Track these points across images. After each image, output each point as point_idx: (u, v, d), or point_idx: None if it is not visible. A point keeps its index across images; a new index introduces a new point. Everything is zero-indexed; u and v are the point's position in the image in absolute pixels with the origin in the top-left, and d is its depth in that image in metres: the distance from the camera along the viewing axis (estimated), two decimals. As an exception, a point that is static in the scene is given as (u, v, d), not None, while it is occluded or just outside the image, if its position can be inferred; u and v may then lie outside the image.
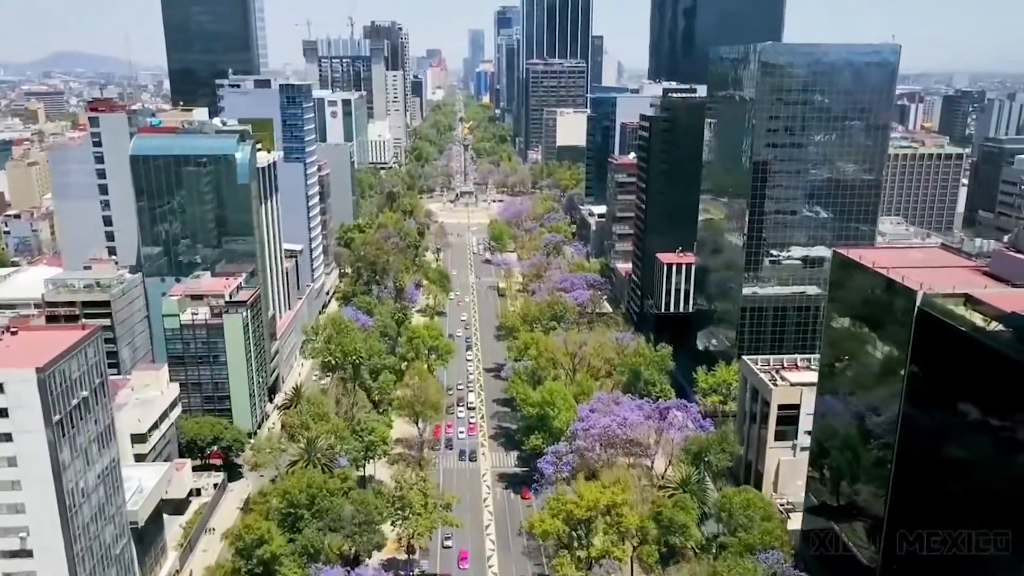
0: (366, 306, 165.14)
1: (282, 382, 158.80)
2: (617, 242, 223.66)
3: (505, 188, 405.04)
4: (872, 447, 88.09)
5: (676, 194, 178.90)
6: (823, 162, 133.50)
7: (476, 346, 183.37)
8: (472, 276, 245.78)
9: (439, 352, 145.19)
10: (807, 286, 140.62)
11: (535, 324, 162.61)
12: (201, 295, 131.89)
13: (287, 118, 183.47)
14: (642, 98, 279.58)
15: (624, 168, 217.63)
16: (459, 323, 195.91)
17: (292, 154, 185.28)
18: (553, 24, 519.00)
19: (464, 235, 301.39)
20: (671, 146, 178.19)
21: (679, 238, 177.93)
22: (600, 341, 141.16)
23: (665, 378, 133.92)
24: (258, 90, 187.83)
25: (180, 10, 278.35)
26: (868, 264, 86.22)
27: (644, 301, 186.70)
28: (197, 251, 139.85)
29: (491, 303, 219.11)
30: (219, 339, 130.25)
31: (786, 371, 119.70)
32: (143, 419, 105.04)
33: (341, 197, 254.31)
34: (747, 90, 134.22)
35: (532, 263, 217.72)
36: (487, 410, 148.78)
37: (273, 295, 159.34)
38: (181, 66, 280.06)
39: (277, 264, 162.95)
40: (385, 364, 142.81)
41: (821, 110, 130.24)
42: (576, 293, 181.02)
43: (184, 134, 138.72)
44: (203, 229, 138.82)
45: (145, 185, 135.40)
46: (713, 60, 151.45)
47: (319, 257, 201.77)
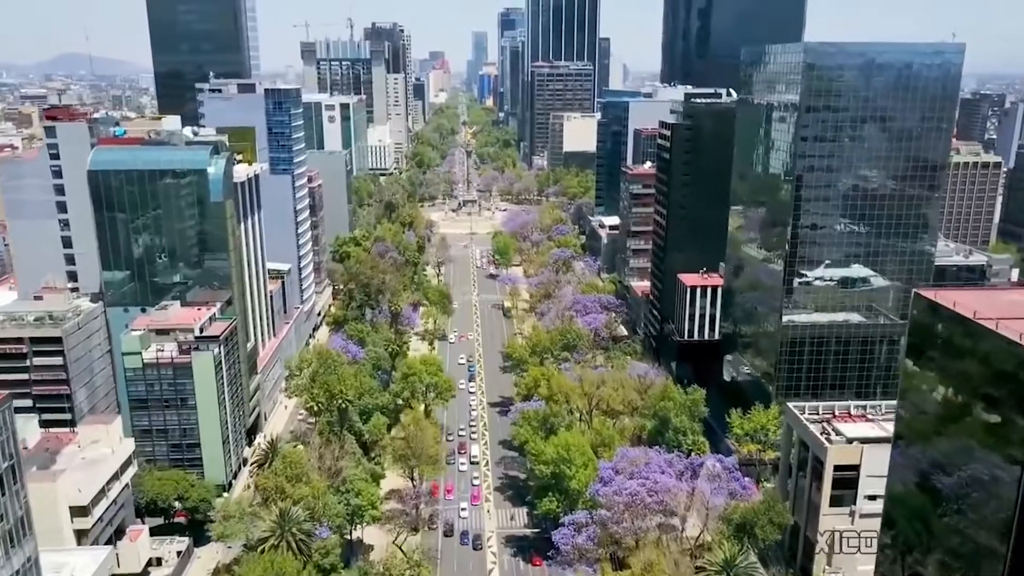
0: (358, 334, 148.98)
1: (264, 420, 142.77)
2: (632, 258, 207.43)
3: (510, 196, 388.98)
4: (976, 521, 71.56)
5: (700, 209, 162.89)
6: (876, 174, 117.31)
7: (480, 374, 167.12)
8: (475, 293, 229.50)
9: (438, 390, 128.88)
10: (858, 314, 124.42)
11: (545, 355, 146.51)
12: (167, 329, 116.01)
13: (273, 125, 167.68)
14: (656, 103, 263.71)
15: (640, 178, 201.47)
16: (461, 348, 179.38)
17: (279, 165, 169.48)
18: (559, 25, 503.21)
19: (466, 246, 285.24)
20: (695, 156, 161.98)
21: (703, 257, 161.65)
22: (620, 380, 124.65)
23: (698, 426, 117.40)
24: (242, 95, 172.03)
25: (166, 9, 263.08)
26: (964, 312, 69.90)
27: (664, 326, 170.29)
28: (165, 278, 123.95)
29: (496, 324, 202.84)
30: (187, 380, 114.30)
31: (839, 421, 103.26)
32: (88, 486, 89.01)
33: (336, 208, 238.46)
34: (788, 94, 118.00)
35: (540, 281, 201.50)
36: (492, 454, 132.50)
37: (255, 323, 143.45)
38: (167, 68, 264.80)
39: (259, 288, 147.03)
40: (377, 404, 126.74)
41: (874, 116, 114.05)
42: (589, 318, 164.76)
43: (149, 146, 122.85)
44: (172, 253, 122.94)
45: (105, 204, 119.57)
46: (745, 61, 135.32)
47: (309, 276, 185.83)
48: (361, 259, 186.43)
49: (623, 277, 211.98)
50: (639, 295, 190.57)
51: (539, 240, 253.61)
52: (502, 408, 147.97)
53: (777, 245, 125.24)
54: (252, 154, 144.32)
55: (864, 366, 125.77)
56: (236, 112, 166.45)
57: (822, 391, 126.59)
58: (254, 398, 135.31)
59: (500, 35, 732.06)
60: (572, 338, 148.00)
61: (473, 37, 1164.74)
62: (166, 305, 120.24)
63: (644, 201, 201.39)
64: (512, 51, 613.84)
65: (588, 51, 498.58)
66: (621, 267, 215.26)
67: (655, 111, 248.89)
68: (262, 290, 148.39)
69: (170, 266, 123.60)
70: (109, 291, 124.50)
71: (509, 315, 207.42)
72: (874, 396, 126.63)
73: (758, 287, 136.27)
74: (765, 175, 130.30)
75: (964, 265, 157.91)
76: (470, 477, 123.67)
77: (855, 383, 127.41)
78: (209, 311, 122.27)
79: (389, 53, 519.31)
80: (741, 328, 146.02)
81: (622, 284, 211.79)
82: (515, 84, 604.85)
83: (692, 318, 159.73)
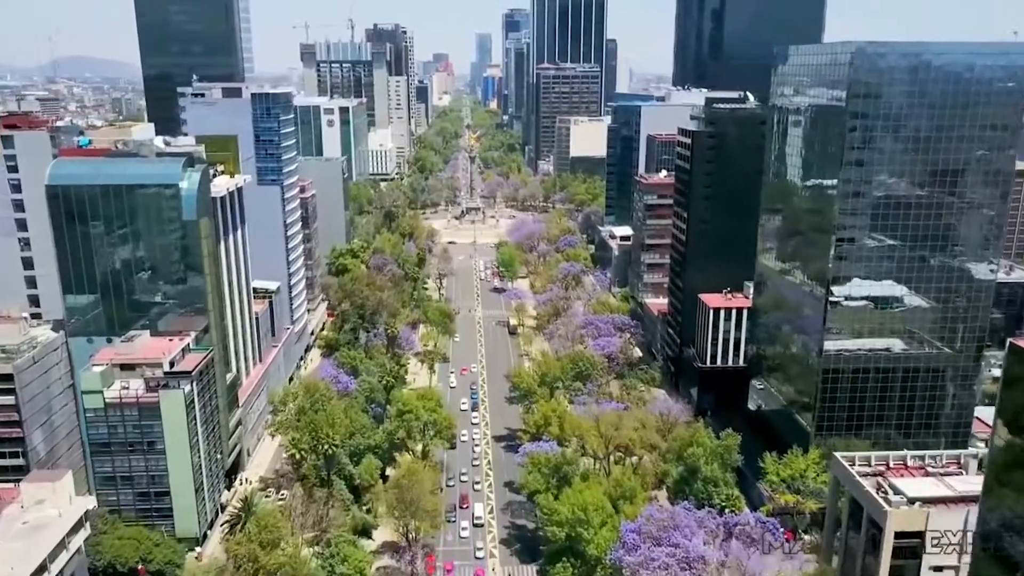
0: (350, 361, 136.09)
1: (247, 456, 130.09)
2: (646, 273, 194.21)
3: (515, 202, 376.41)
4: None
5: (723, 223, 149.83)
6: (931, 187, 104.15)
7: (484, 402, 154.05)
8: (478, 309, 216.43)
9: (437, 428, 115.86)
10: (907, 340, 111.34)
11: (555, 384, 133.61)
12: (133, 364, 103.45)
13: (261, 133, 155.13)
14: (670, 107, 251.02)
15: (655, 188, 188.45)
16: (465, 368, 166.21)
17: (267, 176, 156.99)
18: (565, 27, 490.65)
19: (470, 257, 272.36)
20: (718, 166, 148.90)
21: (727, 276, 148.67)
22: (640, 418, 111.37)
23: (731, 476, 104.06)
24: (226, 100, 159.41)
25: (155, 9, 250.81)
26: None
27: (683, 349, 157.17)
28: (133, 304, 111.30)
29: (501, 344, 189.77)
30: (155, 421, 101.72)
31: (895, 474, 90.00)
32: (23, 562, 76.07)
33: (332, 218, 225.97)
34: (833, 98, 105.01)
35: (548, 298, 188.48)
36: (497, 499, 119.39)
37: (237, 351, 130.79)
38: (156, 71, 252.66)
39: (243, 311, 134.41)
40: (369, 445, 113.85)
41: (931, 123, 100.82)
42: (602, 341, 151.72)
43: (115, 158, 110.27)
44: (140, 277, 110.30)
45: (65, 222, 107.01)
46: (779, 63, 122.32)
47: (301, 294, 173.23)
48: (357, 276, 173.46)
49: (636, 293, 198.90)
50: (655, 314, 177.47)
51: (546, 251, 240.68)
52: (508, 443, 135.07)
53: (817, 263, 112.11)
54: (235, 165, 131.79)
55: (916, 400, 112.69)
56: (221, 118, 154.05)
57: (868, 427, 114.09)
58: (234, 435, 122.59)
59: (504, 37, 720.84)
60: (584, 366, 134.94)
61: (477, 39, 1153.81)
62: (133, 336, 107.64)
63: (660, 213, 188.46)
64: (517, 53, 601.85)
65: (595, 53, 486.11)
66: (635, 282, 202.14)
67: (668, 116, 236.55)
68: (246, 313, 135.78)
69: (139, 291, 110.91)
70: (72, 318, 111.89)
71: (515, 333, 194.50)
72: (930, 433, 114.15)
73: (793, 310, 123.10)
74: (803, 186, 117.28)
75: (1004, 281, 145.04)
76: (473, 547, 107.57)
77: (905, 419, 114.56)
78: (182, 341, 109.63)
79: (391, 55, 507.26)
80: (771, 355, 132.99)
81: (636, 301, 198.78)
82: (520, 86, 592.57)
83: (715, 342, 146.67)
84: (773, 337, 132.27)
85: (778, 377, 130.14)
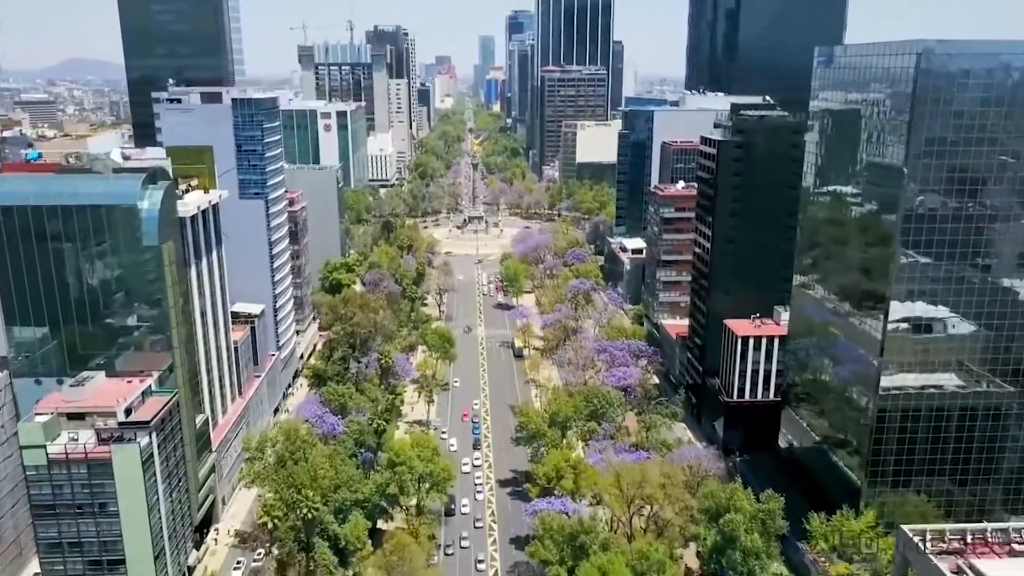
0: (337, 399, 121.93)
1: (222, 507, 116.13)
2: (662, 291, 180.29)
3: (519, 210, 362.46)
4: None
5: (752, 241, 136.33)
6: (1007, 202, 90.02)
7: (487, 438, 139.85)
8: (481, 328, 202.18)
9: (434, 480, 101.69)
10: (979, 377, 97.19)
11: (567, 424, 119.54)
12: (82, 413, 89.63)
13: (243, 142, 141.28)
14: (684, 112, 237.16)
15: (673, 201, 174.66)
16: (465, 413, 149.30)
17: (250, 189, 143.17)
18: (570, 28, 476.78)
19: (471, 269, 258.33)
20: (746, 178, 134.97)
21: (756, 300, 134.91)
22: (667, 473, 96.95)
23: (775, 547, 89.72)
24: (205, 106, 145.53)
25: (138, 7, 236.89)
26: None
27: (706, 379, 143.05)
28: (87, 340, 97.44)
29: (505, 368, 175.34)
30: (107, 480, 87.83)
31: (976, 554, 75.83)
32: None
33: (325, 230, 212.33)
34: (893, 104, 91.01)
35: (556, 318, 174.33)
36: (502, 559, 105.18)
37: (211, 387, 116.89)
38: (141, 74, 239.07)
39: (219, 342, 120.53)
40: (357, 499, 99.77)
41: (1008, 130, 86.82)
42: (618, 372, 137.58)
43: (67, 173, 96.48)
44: (95, 310, 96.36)
45: (7, 246, 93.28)
46: (821, 65, 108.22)
47: (288, 316, 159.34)
48: (349, 296, 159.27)
49: (652, 312, 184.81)
50: (673, 337, 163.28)
51: (553, 265, 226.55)
52: (514, 489, 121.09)
53: (871, 286, 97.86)
54: (210, 178, 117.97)
55: (988, 447, 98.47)
56: (199, 126, 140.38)
57: (930, 475, 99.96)
58: (206, 485, 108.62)
59: (508, 39, 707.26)
60: (600, 403, 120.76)
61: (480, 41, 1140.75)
62: (86, 378, 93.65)
63: (678, 227, 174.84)
64: (520, 55, 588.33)
65: (601, 55, 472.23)
66: (649, 301, 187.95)
67: (683, 121, 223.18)
68: (223, 344, 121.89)
69: (93, 326, 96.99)
70: (18, 356, 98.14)
71: (521, 355, 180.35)
72: (991, 485, 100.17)
73: (837, 339, 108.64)
74: (853, 200, 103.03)
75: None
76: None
77: (962, 467, 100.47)
78: (143, 383, 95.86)
79: (392, 57, 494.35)
80: (808, 390, 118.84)
81: (650, 321, 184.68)
82: (523, 89, 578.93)
83: (743, 374, 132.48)
84: (811, 370, 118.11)
85: (816, 415, 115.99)
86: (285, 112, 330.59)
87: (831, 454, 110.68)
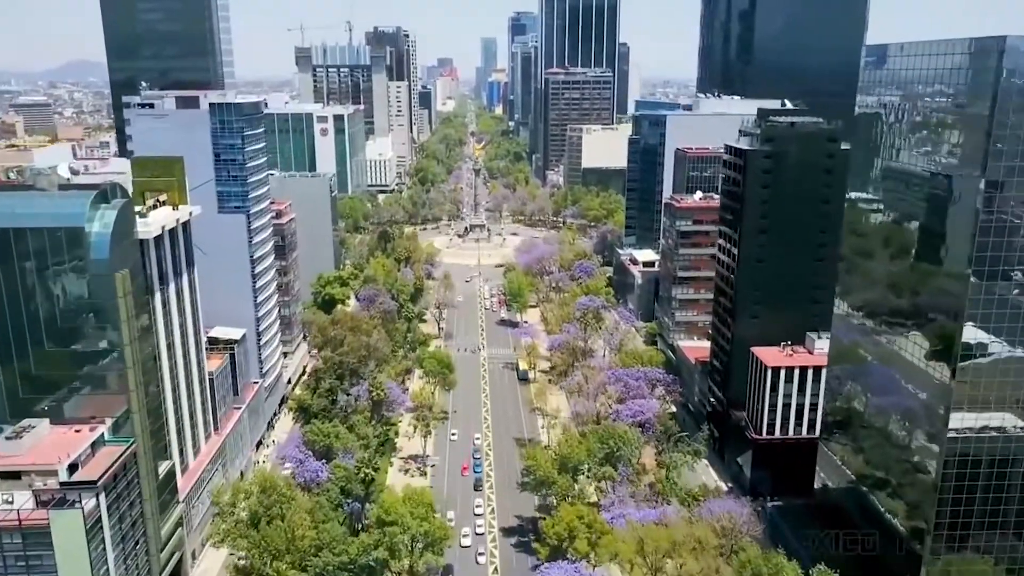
0: (322, 440, 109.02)
1: (191, 564, 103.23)
2: (678, 310, 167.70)
3: (522, 217, 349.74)
4: None
5: (783, 260, 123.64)
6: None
7: (489, 477, 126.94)
8: (483, 347, 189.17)
9: (429, 541, 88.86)
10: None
11: (579, 468, 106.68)
12: (16, 471, 77.02)
13: (222, 151, 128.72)
14: (698, 116, 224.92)
15: (690, 213, 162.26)
16: (465, 466, 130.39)
17: (229, 202, 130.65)
18: (575, 30, 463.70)
19: (473, 281, 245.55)
20: (777, 190, 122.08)
21: (786, 325, 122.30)
22: (699, 537, 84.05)
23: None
24: (180, 112, 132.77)
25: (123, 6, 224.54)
26: None
27: (730, 412, 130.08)
28: (30, 383, 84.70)
29: (509, 394, 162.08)
30: (45, 550, 75.25)
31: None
32: None
33: (318, 242, 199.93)
34: (965, 106, 78.24)
35: (564, 340, 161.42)
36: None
37: (180, 428, 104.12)
38: (125, 76, 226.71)
39: (189, 376, 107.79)
40: (341, 562, 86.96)
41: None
42: (634, 406, 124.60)
43: (5, 191, 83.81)
44: (37, 348, 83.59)
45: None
46: (870, 65, 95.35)
47: (273, 339, 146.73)
48: (338, 318, 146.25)
49: (667, 332, 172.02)
50: (691, 361, 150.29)
51: (560, 278, 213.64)
52: (519, 539, 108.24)
53: (937, 310, 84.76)
54: (180, 193, 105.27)
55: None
56: (174, 134, 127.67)
57: (992, 530, 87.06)
58: (172, 540, 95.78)
59: (510, 40, 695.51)
60: (616, 445, 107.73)
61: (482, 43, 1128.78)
62: (25, 428, 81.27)
63: (696, 241, 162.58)
64: (523, 57, 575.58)
65: (607, 57, 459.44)
66: (664, 320, 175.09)
67: (697, 126, 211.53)
68: (195, 377, 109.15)
69: (36, 367, 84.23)
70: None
71: (526, 379, 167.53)
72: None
73: (890, 373, 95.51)
74: (910, 213, 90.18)
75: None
76: None
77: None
78: (93, 432, 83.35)
79: (392, 59, 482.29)
80: (851, 429, 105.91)
81: (665, 341, 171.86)
82: (527, 92, 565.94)
83: (773, 408, 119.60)
84: (854, 406, 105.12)
85: (860, 457, 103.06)
86: (280, 116, 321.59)
87: (877, 502, 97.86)
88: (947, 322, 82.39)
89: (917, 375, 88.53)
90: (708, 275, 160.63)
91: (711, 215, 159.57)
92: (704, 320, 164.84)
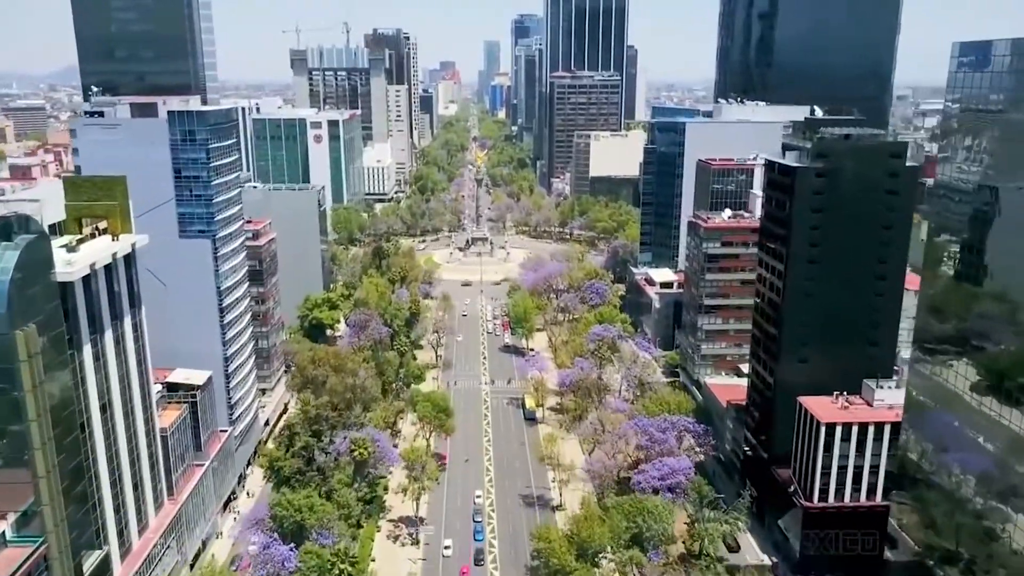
0: (292, 515, 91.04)
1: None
2: (704, 342, 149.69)
3: (527, 228, 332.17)
4: None
5: (836, 295, 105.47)
6: None
7: (492, 548, 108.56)
8: (485, 380, 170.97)
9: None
10: None
11: (601, 555, 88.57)
12: None
13: (183, 166, 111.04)
14: (719, 124, 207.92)
15: (719, 233, 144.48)
16: (465, 569, 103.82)
17: (192, 226, 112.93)
18: (581, 32, 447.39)
19: (474, 301, 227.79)
20: (831, 214, 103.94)
21: (840, 371, 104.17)
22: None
23: None
24: (134, 122, 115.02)
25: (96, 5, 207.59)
26: None
27: (773, 471, 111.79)
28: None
29: (515, 439, 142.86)
30: None
31: None
32: None
33: (305, 261, 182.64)
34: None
35: (576, 378, 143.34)
36: None
37: (119, 504, 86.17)
38: (98, 79, 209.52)
39: (136, 438, 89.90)
40: None
41: None
42: (663, 467, 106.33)
43: None
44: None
45: None
46: (965, 66, 77.54)
47: (248, 378, 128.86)
48: (319, 356, 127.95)
49: (691, 366, 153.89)
50: (722, 404, 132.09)
51: (570, 300, 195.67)
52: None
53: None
54: (122, 220, 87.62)
55: None
56: (127, 147, 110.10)
57: None
58: (101, 651, 77.82)
59: (514, 43, 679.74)
60: (647, 524, 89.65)
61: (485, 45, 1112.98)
62: (-102, 530, 63.53)
63: (725, 265, 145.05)
64: (527, 60, 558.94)
65: (614, 61, 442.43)
66: (689, 353, 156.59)
67: (718, 135, 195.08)
68: (139, 441, 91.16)
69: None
70: None
71: (533, 418, 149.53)
72: None
73: (992, 436, 77.59)
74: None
75: None
76: None
77: None
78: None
79: (392, 62, 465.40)
80: (931, 499, 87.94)
81: (689, 376, 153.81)
82: (530, 96, 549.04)
83: (826, 471, 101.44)
84: (939, 473, 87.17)
85: (943, 540, 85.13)
86: (272, 121, 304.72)
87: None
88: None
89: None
90: (739, 303, 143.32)
91: (742, 236, 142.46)
92: (733, 353, 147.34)
